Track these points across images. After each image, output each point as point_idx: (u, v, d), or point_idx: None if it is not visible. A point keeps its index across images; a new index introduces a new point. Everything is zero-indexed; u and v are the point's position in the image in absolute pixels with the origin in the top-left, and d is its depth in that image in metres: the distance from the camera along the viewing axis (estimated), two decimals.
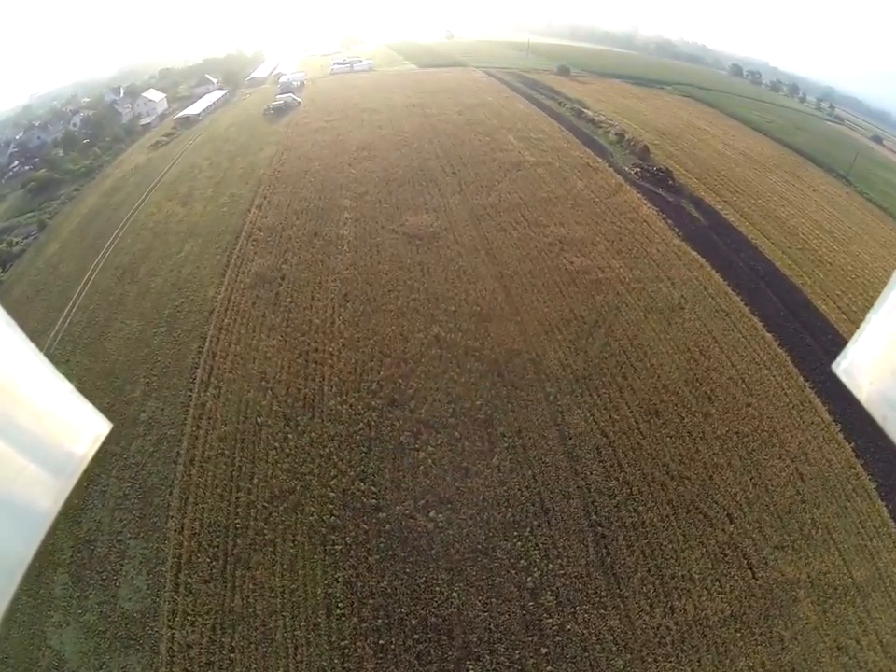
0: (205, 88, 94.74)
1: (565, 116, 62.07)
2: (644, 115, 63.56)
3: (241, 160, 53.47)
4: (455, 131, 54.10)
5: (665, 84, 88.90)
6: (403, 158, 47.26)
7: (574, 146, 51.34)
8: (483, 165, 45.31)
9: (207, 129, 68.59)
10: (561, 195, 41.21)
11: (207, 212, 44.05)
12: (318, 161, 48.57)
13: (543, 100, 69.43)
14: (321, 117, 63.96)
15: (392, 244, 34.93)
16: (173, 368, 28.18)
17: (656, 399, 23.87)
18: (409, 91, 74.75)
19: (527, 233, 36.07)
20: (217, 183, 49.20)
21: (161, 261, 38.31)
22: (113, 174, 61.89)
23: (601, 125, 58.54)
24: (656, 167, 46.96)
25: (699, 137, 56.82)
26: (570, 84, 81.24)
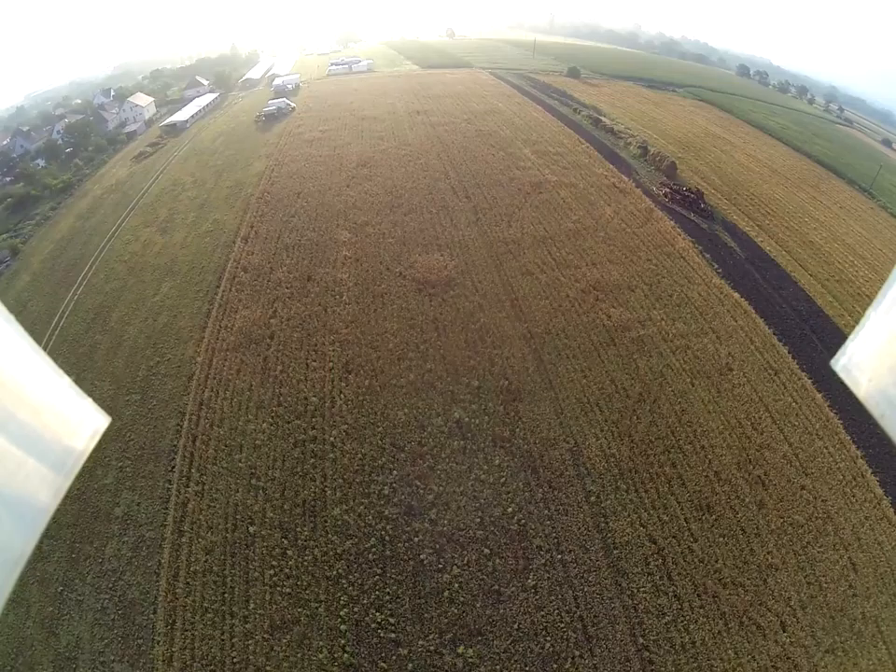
0: (196, 91, 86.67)
1: (582, 125, 54.97)
2: (662, 123, 57.83)
3: (227, 176, 46.43)
4: (466, 143, 47.04)
5: (676, 86, 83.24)
6: (409, 177, 40.35)
7: (596, 161, 44.50)
8: (499, 187, 38.51)
9: (194, 138, 61.18)
10: (590, 225, 34.62)
11: (188, 243, 37.30)
12: (312, 180, 41.60)
13: (557, 106, 62.15)
14: (316, 125, 56.65)
15: (400, 293, 28.36)
16: (148, 450, 22.83)
17: (708, 491, 20.19)
18: (412, 95, 67.26)
19: (557, 277, 29.57)
20: (200, 205, 42.29)
21: (135, 305, 31.89)
22: (92, 190, 54.82)
23: (621, 136, 51.79)
24: (685, 188, 40.78)
25: (721, 148, 51.41)
26: (582, 87, 73.86)
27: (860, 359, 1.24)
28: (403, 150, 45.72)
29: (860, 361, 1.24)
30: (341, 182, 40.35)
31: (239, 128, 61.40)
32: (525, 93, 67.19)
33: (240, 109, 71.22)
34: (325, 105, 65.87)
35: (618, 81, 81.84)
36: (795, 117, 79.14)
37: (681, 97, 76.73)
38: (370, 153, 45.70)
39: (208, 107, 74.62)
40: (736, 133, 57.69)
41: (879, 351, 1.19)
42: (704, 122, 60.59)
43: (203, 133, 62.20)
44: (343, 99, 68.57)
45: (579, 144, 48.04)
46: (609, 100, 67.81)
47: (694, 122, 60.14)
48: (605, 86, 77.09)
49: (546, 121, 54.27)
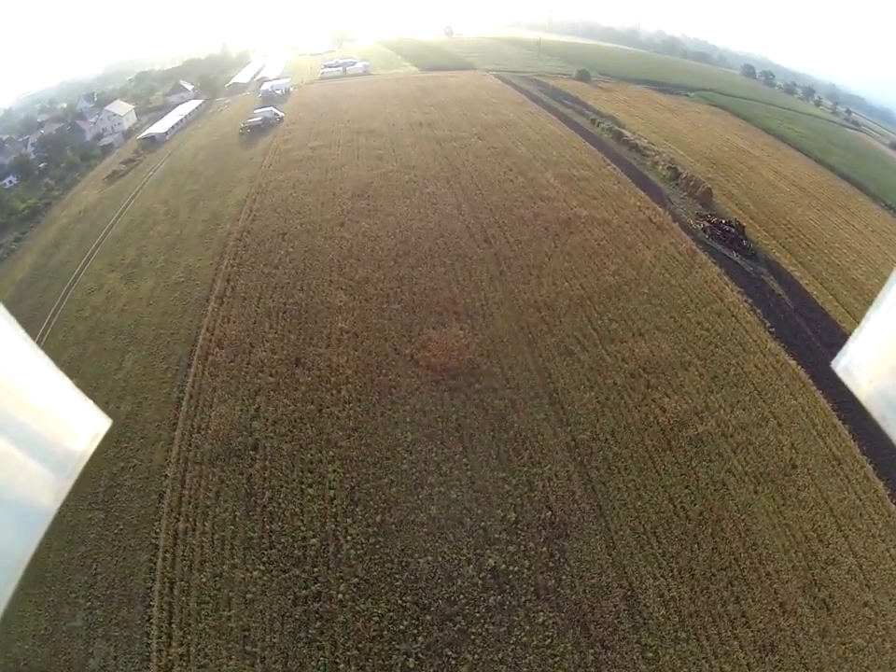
0: (179, 96, 77.33)
1: (603, 140, 47.26)
2: (683, 135, 51.55)
3: (204, 206, 38.61)
4: (478, 165, 39.32)
5: (687, 90, 76.35)
6: (415, 212, 32.75)
7: (626, 188, 37.16)
8: (523, 225, 31.13)
9: (172, 154, 52.83)
10: (631, 277, 27.64)
11: (155, 297, 29.90)
12: (300, 214, 33.88)
13: (572, 115, 54.21)
14: (306, 140, 48.45)
15: (412, 385, 21.40)
16: (119, 590, 17.71)
17: (772, 628, 16.68)
18: (413, 102, 58.88)
19: (601, 356, 22.86)
20: (171, 244, 34.61)
21: (95, 384, 25.30)
22: (59, 218, 46.93)
23: (647, 153, 44.56)
24: (725, 221, 34.32)
25: (747, 164, 45.60)
26: (594, 93, 65.78)
27: (860, 361, 1.18)
28: (406, 175, 37.87)
29: (860, 362, 1.18)
30: (334, 218, 32.63)
31: (221, 142, 53.01)
32: (535, 100, 59.03)
33: (224, 119, 62.49)
34: (316, 115, 57.39)
35: (629, 85, 74.02)
36: (807, 122, 74.13)
37: (694, 102, 70.26)
38: (367, 178, 37.85)
39: (191, 116, 65.75)
40: (757, 144, 52.18)
41: (880, 353, 1.13)
42: (723, 132, 54.75)
43: (182, 148, 53.78)
44: (337, 107, 60.03)
45: (604, 165, 40.46)
46: (625, 108, 60.11)
47: (715, 133, 54.11)
48: (617, 90, 69.12)
49: (564, 136, 46.44)
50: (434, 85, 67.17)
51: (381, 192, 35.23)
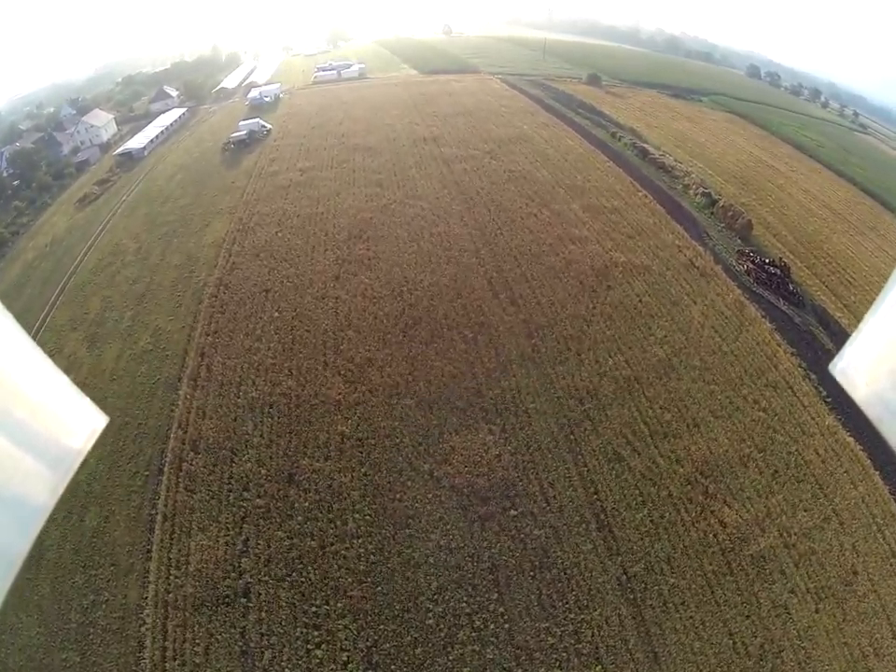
0: (164, 103, 69.49)
1: (627, 158, 40.92)
2: (708, 149, 46.25)
3: (177, 246, 32.13)
4: (496, 194, 32.87)
5: (699, 94, 69.78)
6: (425, 261, 26.39)
7: (662, 221, 31.17)
8: (555, 278, 25.00)
9: (148, 174, 45.85)
10: (679, 345, 22.09)
11: (120, 370, 24.10)
12: (286, 262, 27.43)
13: (590, 127, 47.61)
14: (295, 160, 41.61)
15: (433, 515, 15.96)
16: None
17: None
18: (414, 111, 51.84)
19: (654, 460, 18.02)
20: (139, 297, 28.31)
21: None
22: (26, 251, 40.51)
23: (676, 174, 38.90)
24: (768, 261, 29.05)
25: (776, 183, 41.08)
26: (608, 99, 59.01)
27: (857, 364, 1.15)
28: (412, 208, 31.28)
29: (857, 366, 1.15)
30: (327, 269, 26.16)
31: (202, 160, 45.98)
32: (548, 109, 52.17)
33: (208, 130, 55.16)
34: (308, 127, 50.25)
35: (641, 89, 67.32)
36: (821, 127, 69.43)
37: (709, 108, 64.14)
38: (366, 212, 31.24)
39: (172, 127, 58.26)
40: (779, 156, 47.73)
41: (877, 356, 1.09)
42: (745, 144, 49.71)
43: (159, 168, 46.72)
44: (331, 117, 52.83)
45: (634, 192, 34.18)
46: (643, 117, 53.74)
47: (737, 146, 48.84)
48: (630, 96, 62.39)
49: (586, 154, 39.90)
50: (436, 91, 59.83)
51: (382, 232, 28.68)
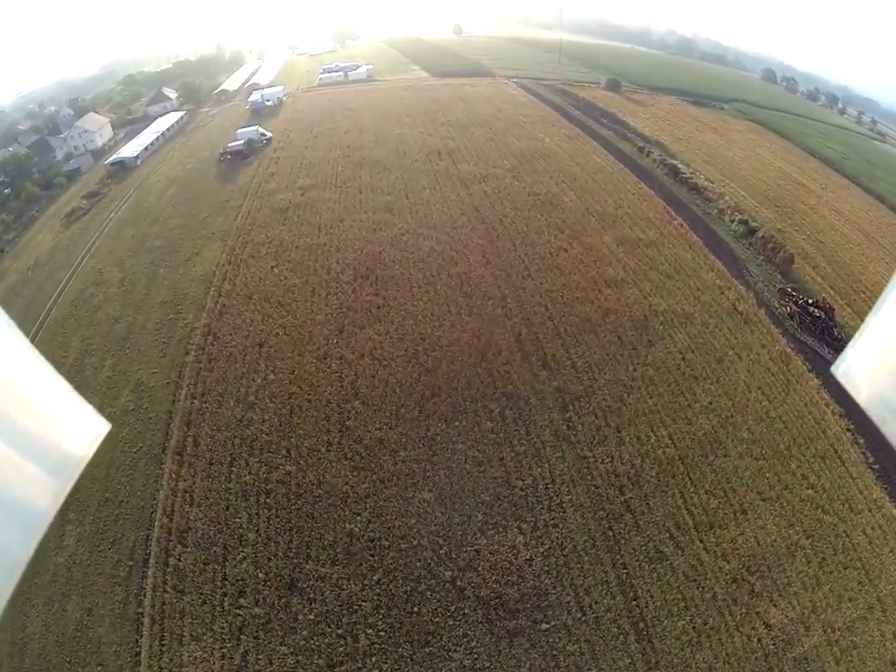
0: (162, 106, 64.83)
1: (657, 177, 36.72)
2: (738, 166, 42.12)
3: (164, 277, 28.15)
4: (520, 223, 28.65)
5: (721, 102, 64.84)
6: (443, 311, 22.14)
7: (700, 255, 27.31)
8: (591, 333, 20.90)
9: (140, 188, 41.64)
10: (726, 413, 18.89)
11: None
12: (282, 308, 23.19)
13: (614, 140, 43.19)
14: (295, 175, 37.26)
15: (456, 631, 12.89)
16: None
17: None
18: (427, 120, 47.26)
19: (697, 556, 15.02)
20: (121, 340, 24.45)
21: (33, 568, 14.54)
22: (9, 273, 37.56)
23: (709, 195, 35.14)
24: (812, 301, 25.38)
25: (808, 203, 37.36)
26: (629, 107, 54.35)
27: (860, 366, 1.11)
28: (427, 241, 26.94)
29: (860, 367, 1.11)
30: (329, 320, 21.92)
31: (196, 172, 41.66)
32: (569, 118, 47.56)
33: (204, 137, 50.58)
34: (310, 136, 45.71)
35: (661, 96, 62.56)
36: (842, 137, 65.37)
37: (731, 116, 59.35)
38: (374, 245, 26.94)
39: (169, 133, 53.75)
40: (807, 172, 43.90)
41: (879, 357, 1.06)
42: (773, 158, 45.81)
43: (151, 180, 42.42)
44: (336, 125, 48.23)
45: (669, 219, 29.92)
46: (668, 128, 49.29)
47: (765, 160, 44.84)
48: (651, 103, 57.63)
49: (614, 173, 35.50)
50: (450, 96, 54.95)
51: (393, 272, 24.32)
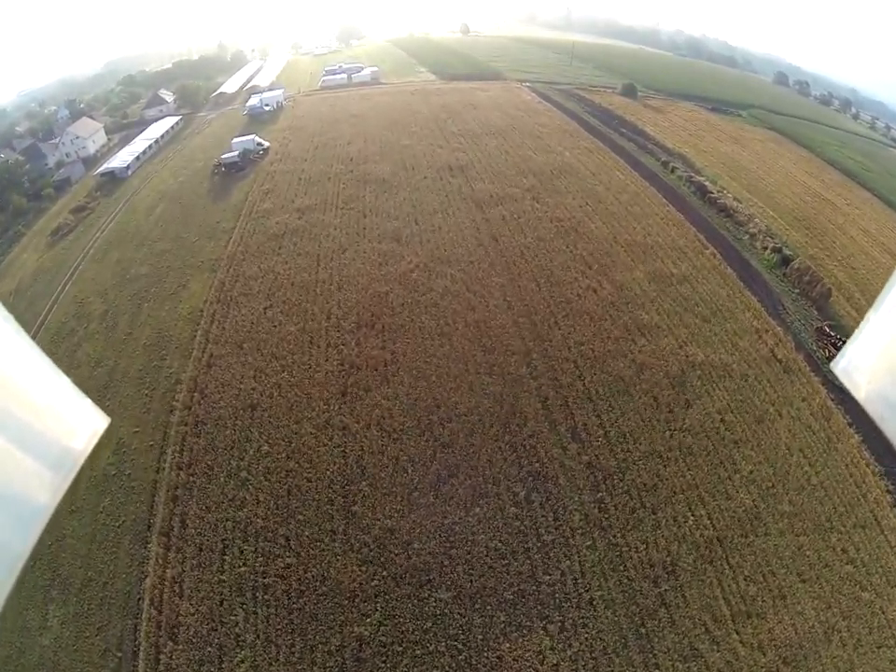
0: (158, 110, 61.05)
1: (685, 196, 33.49)
2: (763, 181, 38.99)
3: (148, 313, 24.94)
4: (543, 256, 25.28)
5: (738, 108, 61.06)
6: (460, 370, 18.71)
7: (737, 292, 24.42)
8: (624, 395, 17.78)
9: (129, 202, 38.38)
10: (766, 483, 16.68)
11: (78, 501, 17.79)
12: (278, 361, 19.84)
13: (636, 153, 39.93)
14: (293, 195, 33.72)
15: None
16: None
17: None
18: (436, 129, 43.68)
19: (733, 651, 10.59)
20: (101, 389, 21.61)
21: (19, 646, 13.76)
22: None
23: (738, 217, 32.09)
24: None
25: (835, 222, 34.22)
26: (647, 115, 50.80)
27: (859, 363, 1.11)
28: (440, 278, 23.43)
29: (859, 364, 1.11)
30: (329, 379, 18.48)
31: (188, 186, 38.23)
32: (588, 128, 43.95)
33: (199, 145, 46.95)
34: (310, 146, 42.09)
35: (677, 102, 58.88)
36: (859, 144, 62.33)
37: (749, 124, 55.90)
38: (380, 283, 23.41)
39: (163, 139, 50.12)
40: (831, 186, 40.92)
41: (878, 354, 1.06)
42: (796, 171, 42.79)
43: (140, 194, 39.05)
44: (338, 134, 44.55)
45: (701, 248, 26.63)
46: (689, 139, 45.87)
47: (788, 174, 41.75)
48: (670, 111, 53.98)
49: (640, 193, 32.05)
50: (460, 102, 51.06)
51: (402, 319, 20.81)
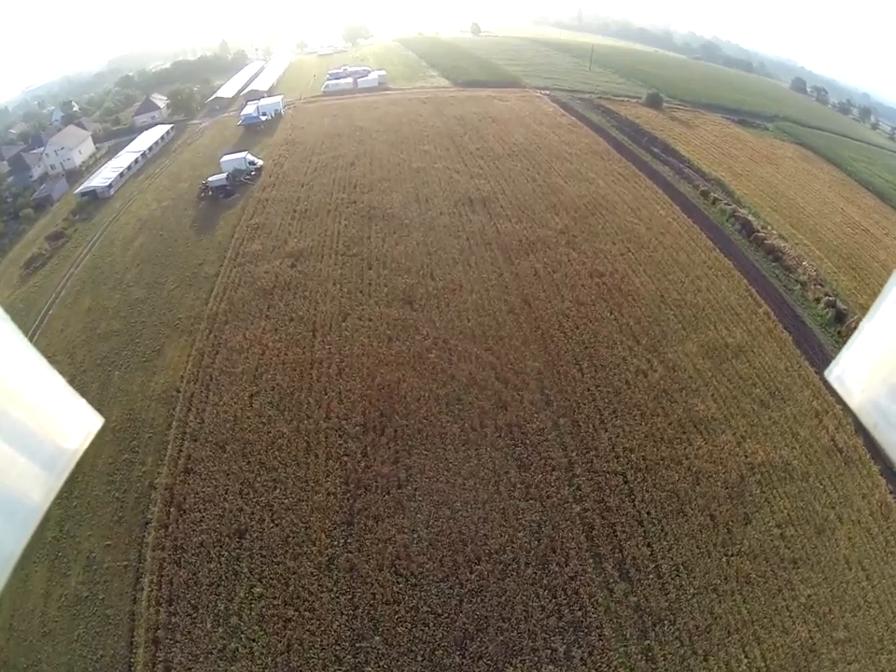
0: (150, 116, 55.73)
1: (729, 235, 28.75)
2: (802, 210, 33.64)
3: (118, 386, 20.22)
4: (584, 326, 20.32)
5: (763, 120, 55.66)
6: (489, 493, 13.94)
7: (795, 364, 19.63)
8: (678, 516, 13.24)
9: (106, 230, 33.51)
10: (824, 607, 12.93)
11: (50, 622, 13.93)
12: (267, 473, 15.09)
13: (672, 178, 34.92)
14: (286, 233, 28.16)
15: None
16: None
17: None
18: (452, 148, 38.52)
19: None
20: (66, 481, 15.92)
21: None
22: None
23: (787, 261, 26.34)
24: None
25: (879, 259, 29.88)
26: (677, 130, 45.95)
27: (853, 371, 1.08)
28: (463, 364, 18.08)
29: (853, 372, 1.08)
30: (330, 502, 13.78)
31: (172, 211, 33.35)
32: (618, 147, 39.02)
33: (188, 161, 41.80)
34: (308, 167, 36.86)
35: (703, 113, 53.59)
36: (885, 160, 57.38)
37: (777, 139, 50.63)
38: (389, 367, 18.17)
39: (151, 153, 44.81)
40: (867, 211, 35.90)
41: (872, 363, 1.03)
42: (831, 195, 38.09)
43: (120, 221, 34.14)
44: (341, 152, 39.26)
45: (754, 307, 21.86)
46: (723, 159, 41.64)
47: (825, 199, 36.75)
48: (698, 125, 48.86)
49: (683, 233, 27.10)
50: (477, 114, 45.50)
51: (418, 422, 15.79)
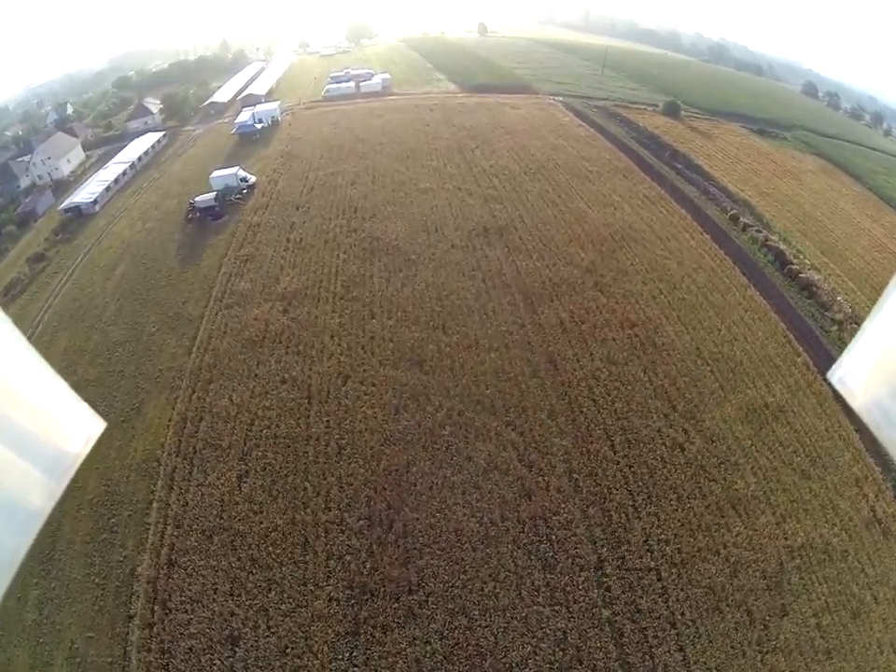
0: (142, 122, 52.37)
1: (762, 268, 25.83)
2: (830, 234, 30.72)
3: (97, 447, 16.34)
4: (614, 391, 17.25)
5: (782, 129, 52.42)
6: (511, 599, 11.14)
7: (834, 426, 16.72)
8: (713, 614, 10.57)
9: (88, 257, 30.27)
10: None
11: None
12: (262, 572, 12.27)
13: (699, 200, 31.80)
14: (279, 269, 24.39)
15: None
16: None
17: None
18: (462, 165, 35.33)
19: None
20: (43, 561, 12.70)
21: None
22: None
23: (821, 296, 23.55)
24: None
25: None
26: (697, 142, 43.08)
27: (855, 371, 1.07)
28: (482, 444, 14.86)
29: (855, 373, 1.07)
30: (334, 611, 10.79)
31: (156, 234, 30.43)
32: (639, 162, 36.05)
33: (178, 174, 38.67)
34: (305, 186, 33.56)
35: (721, 122, 50.50)
36: None
37: (797, 150, 47.49)
38: (395, 449, 14.86)
39: (141, 163, 41.62)
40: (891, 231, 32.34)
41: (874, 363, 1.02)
42: (857, 214, 35.00)
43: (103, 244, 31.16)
44: (340, 168, 35.92)
45: (793, 357, 19.14)
46: (747, 176, 39.09)
47: (852, 220, 33.69)
48: (717, 135, 45.80)
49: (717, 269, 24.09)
50: (488, 124, 42.05)
51: (430, 517, 12.70)
